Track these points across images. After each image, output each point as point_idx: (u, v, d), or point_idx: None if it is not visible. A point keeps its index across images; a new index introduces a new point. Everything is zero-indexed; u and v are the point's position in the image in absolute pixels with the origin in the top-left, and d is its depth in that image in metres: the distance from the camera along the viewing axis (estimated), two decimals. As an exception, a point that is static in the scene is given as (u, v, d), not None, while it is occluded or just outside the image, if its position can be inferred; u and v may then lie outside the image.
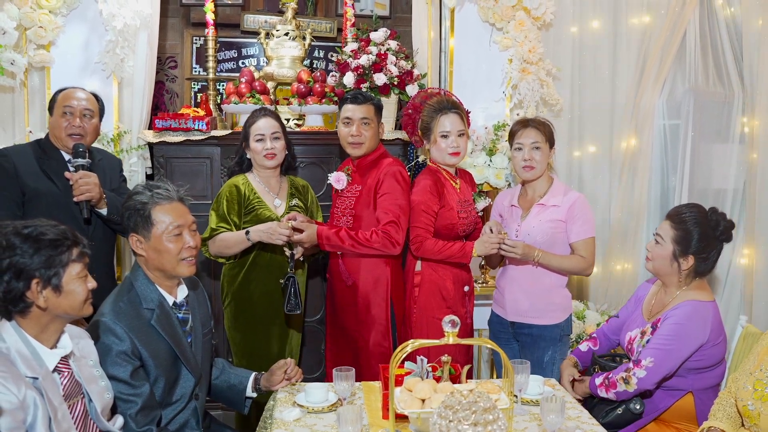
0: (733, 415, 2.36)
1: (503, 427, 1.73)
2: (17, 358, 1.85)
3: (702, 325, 2.55)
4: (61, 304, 1.92)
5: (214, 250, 3.10)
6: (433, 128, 3.07)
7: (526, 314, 3.07)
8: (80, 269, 1.95)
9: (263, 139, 3.11)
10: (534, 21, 3.83)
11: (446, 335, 1.98)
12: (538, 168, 3.04)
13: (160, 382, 2.29)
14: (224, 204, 3.09)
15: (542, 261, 2.99)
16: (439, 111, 3.07)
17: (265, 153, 3.10)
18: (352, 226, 3.11)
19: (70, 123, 2.96)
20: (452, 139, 3.06)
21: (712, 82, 4.03)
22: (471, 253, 3.02)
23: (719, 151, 4.08)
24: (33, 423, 1.81)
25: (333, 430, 2.22)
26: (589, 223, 3.03)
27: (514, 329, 3.13)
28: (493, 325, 3.27)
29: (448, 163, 3.13)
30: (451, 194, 3.11)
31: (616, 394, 2.60)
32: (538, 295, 3.05)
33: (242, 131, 3.18)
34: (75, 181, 2.90)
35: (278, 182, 3.23)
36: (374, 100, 3.18)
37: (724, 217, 2.68)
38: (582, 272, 3.07)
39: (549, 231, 3.00)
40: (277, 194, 3.19)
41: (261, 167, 3.17)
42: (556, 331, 3.04)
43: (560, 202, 3.03)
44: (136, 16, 3.56)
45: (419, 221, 3.03)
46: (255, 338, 3.18)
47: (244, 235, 3.02)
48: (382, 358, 3.01)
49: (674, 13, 3.94)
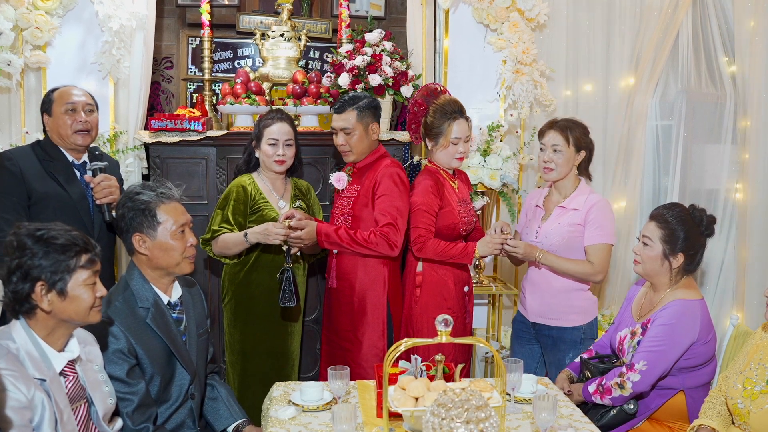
0: (723, 413, 2.39)
1: (495, 425, 1.75)
2: (26, 359, 1.87)
3: (691, 324, 2.57)
4: (66, 309, 1.93)
5: (216, 250, 3.12)
6: (444, 133, 3.06)
7: (546, 316, 3.08)
8: (88, 276, 1.96)
9: (276, 145, 3.12)
10: (528, 22, 3.85)
11: (439, 334, 2.00)
12: (556, 171, 3.04)
13: (155, 380, 2.32)
14: (231, 205, 3.10)
15: (544, 262, 2.99)
16: (450, 116, 3.06)
17: (276, 159, 3.12)
18: (351, 226, 3.12)
19: (76, 119, 2.93)
20: (461, 145, 3.09)
21: (704, 83, 4.05)
22: (473, 253, 3.04)
23: (711, 152, 4.10)
24: (39, 423, 1.83)
25: (328, 428, 2.24)
26: (604, 229, 2.98)
27: (536, 330, 3.14)
28: (516, 324, 3.28)
29: (453, 166, 3.16)
30: (451, 194, 3.13)
31: (612, 400, 2.61)
32: (557, 298, 3.05)
33: (255, 130, 3.18)
34: (96, 184, 2.89)
35: (283, 184, 3.24)
36: (358, 103, 3.10)
37: (705, 213, 2.71)
38: (588, 278, 3.02)
39: (566, 234, 3.00)
40: (281, 196, 3.21)
41: (268, 170, 3.19)
42: (576, 334, 3.03)
43: (581, 206, 3.02)
44: (132, 17, 3.57)
45: (421, 222, 3.04)
46: (253, 337, 3.18)
47: (242, 237, 3.03)
48: (377, 359, 3.02)
49: (667, 14, 3.95)
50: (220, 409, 2.56)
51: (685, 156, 4.03)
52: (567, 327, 3.05)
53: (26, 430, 1.79)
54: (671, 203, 2.83)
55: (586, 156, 3.08)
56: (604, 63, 4.06)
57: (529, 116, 3.89)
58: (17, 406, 1.77)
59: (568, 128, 3.04)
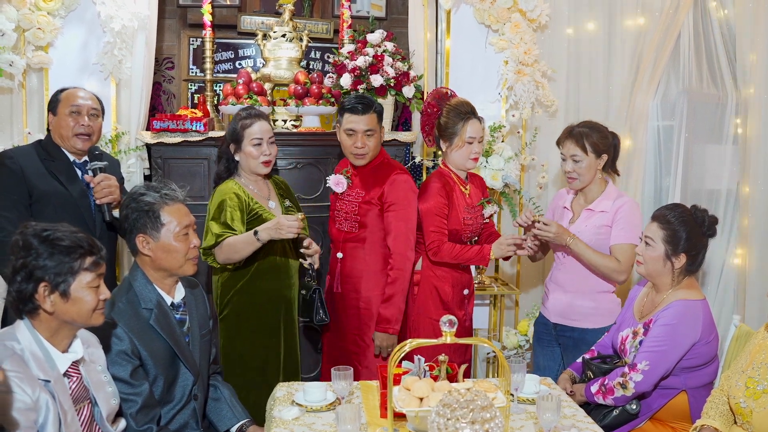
0: (726, 412, 2.39)
1: (500, 425, 1.75)
2: (31, 360, 1.87)
3: (693, 324, 2.57)
4: (69, 310, 1.93)
5: (222, 257, 2.91)
6: (459, 133, 3.07)
7: (568, 317, 3.07)
8: (92, 278, 1.95)
9: (261, 144, 2.98)
10: (529, 23, 3.85)
11: (444, 335, 1.99)
12: (580, 179, 3.02)
13: (159, 381, 2.32)
14: (227, 213, 2.91)
15: (574, 247, 2.94)
16: (464, 117, 3.07)
17: (263, 159, 2.99)
18: (358, 232, 3.10)
19: (78, 122, 2.93)
20: (476, 145, 3.09)
21: (705, 83, 4.05)
22: (489, 255, 3.04)
23: (713, 152, 4.10)
24: (44, 424, 1.83)
25: (331, 429, 2.24)
26: (631, 230, 2.95)
27: (556, 332, 3.13)
28: (538, 326, 3.27)
29: (468, 167, 3.16)
30: (459, 199, 3.12)
31: (615, 400, 2.61)
32: (583, 299, 3.04)
33: (232, 133, 3.01)
34: (96, 184, 2.89)
35: (265, 184, 3.12)
36: (375, 106, 3.10)
37: (707, 213, 2.70)
38: (613, 274, 2.96)
39: (594, 237, 2.98)
40: (268, 197, 3.09)
41: (251, 172, 3.04)
42: (599, 336, 2.99)
43: (609, 208, 3.00)
44: (133, 18, 3.57)
45: (433, 225, 3.04)
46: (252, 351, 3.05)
47: (252, 236, 2.84)
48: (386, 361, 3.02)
49: (668, 15, 3.95)
50: (223, 410, 2.56)
51: (686, 156, 4.02)
52: (589, 328, 3.03)
53: (31, 431, 1.79)
54: (673, 204, 2.82)
55: (610, 156, 3.05)
56: (605, 63, 4.06)
57: (531, 117, 3.90)
58: (23, 408, 1.78)
59: (583, 135, 3.00)
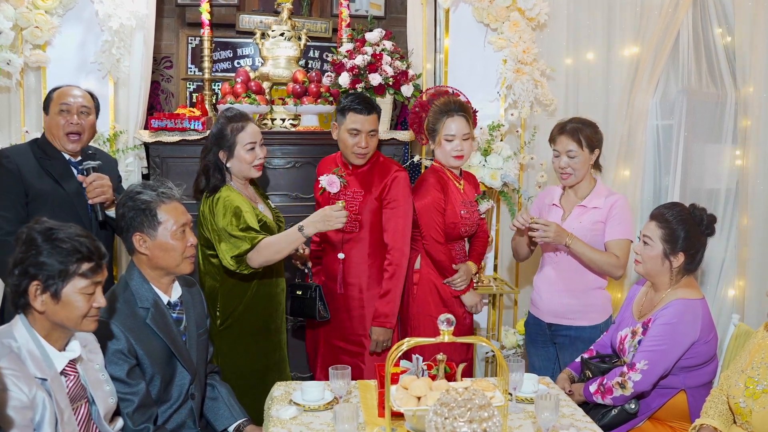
0: (725, 412, 2.39)
1: (498, 424, 1.74)
2: (27, 358, 1.87)
3: (692, 323, 2.57)
4: (58, 312, 1.91)
5: (260, 260, 2.75)
6: (438, 130, 3.06)
7: (564, 315, 3.06)
8: (86, 285, 1.93)
9: (254, 148, 2.88)
10: (528, 22, 3.84)
11: (441, 333, 1.99)
12: (574, 175, 3.03)
13: (156, 380, 2.31)
14: (245, 217, 2.76)
15: (574, 247, 2.93)
16: (445, 113, 3.05)
17: (256, 163, 2.89)
18: (358, 231, 3.09)
19: (68, 120, 2.92)
20: (456, 143, 3.06)
21: (705, 82, 4.05)
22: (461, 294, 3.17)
23: (712, 152, 4.10)
24: (40, 423, 1.82)
25: (329, 428, 2.24)
26: (626, 225, 2.98)
27: (551, 331, 3.12)
28: (529, 327, 3.26)
29: (452, 165, 3.14)
30: (454, 194, 3.12)
31: (613, 400, 2.61)
32: (575, 296, 3.04)
33: (220, 139, 2.87)
34: (89, 183, 2.88)
35: (250, 188, 3.01)
36: (377, 107, 3.10)
37: (705, 212, 2.70)
38: (612, 270, 2.96)
39: (588, 233, 2.98)
40: (257, 201, 2.98)
41: (243, 177, 2.93)
42: (595, 333, 3.01)
43: (601, 205, 3.01)
44: (132, 17, 3.56)
45: (430, 220, 3.06)
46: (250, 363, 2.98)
47: (296, 232, 2.73)
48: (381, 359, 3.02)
49: (667, 14, 3.95)
50: (221, 409, 2.56)
51: (685, 155, 4.02)
52: (586, 326, 3.03)
53: (27, 429, 1.79)
54: (672, 203, 2.82)
55: (600, 151, 3.07)
56: (604, 62, 4.06)
57: (530, 116, 3.89)
58: (19, 406, 1.77)
59: (578, 130, 3.01)
